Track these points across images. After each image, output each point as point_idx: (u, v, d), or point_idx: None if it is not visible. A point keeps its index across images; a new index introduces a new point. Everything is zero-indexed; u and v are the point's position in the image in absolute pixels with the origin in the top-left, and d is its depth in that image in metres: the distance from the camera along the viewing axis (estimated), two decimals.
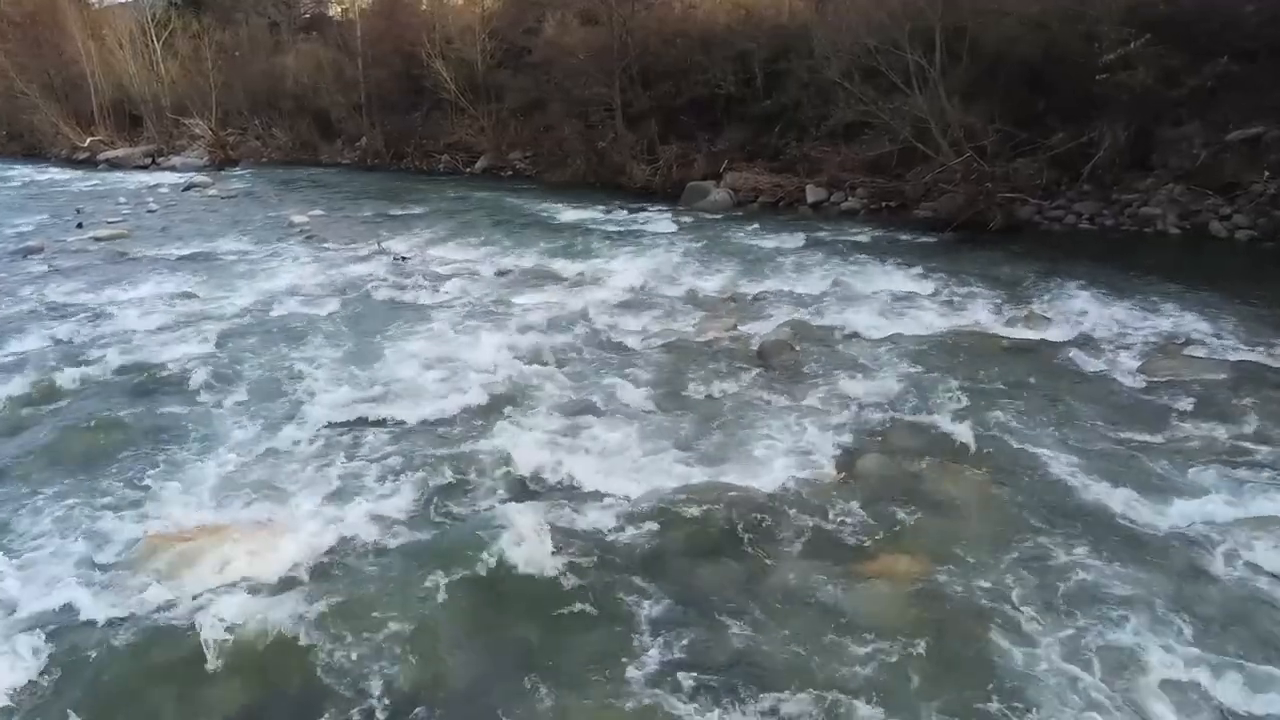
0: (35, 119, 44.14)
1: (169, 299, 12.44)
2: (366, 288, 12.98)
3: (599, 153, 25.45)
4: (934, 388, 7.98)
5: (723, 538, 5.66)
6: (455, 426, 7.45)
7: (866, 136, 19.47)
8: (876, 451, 6.75)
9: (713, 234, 17.71)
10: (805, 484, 6.25)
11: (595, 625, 4.95)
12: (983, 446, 6.82)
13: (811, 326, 10.24)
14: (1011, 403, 7.58)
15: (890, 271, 13.55)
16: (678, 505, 5.97)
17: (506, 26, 29.73)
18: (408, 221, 20.36)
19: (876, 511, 5.90)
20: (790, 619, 4.93)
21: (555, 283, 13.25)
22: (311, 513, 5.98)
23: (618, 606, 5.07)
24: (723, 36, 23.87)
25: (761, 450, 6.74)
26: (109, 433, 7.36)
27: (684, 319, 10.77)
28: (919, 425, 7.20)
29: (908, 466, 6.46)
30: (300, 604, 4.98)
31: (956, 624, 4.83)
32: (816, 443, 6.87)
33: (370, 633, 4.80)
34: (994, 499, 5.96)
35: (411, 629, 4.86)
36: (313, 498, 6.22)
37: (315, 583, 5.27)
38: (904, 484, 6.23)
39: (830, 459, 6.63)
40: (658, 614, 5.00)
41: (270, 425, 7.44)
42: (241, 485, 6.38)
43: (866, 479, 6.32)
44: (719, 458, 6.70)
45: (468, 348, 9.32)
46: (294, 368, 8.88)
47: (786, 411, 7.54)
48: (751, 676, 4.48)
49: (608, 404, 7.84)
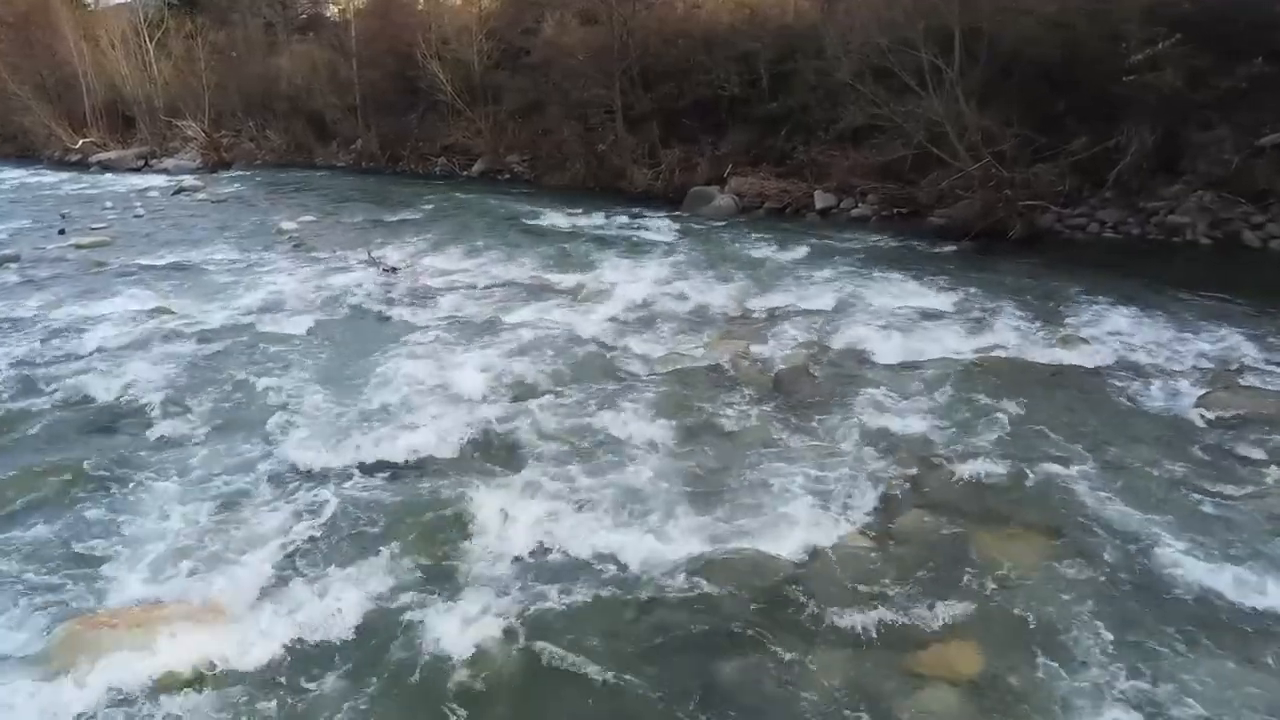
0: (27, 120, 43.40)
1: (142, 315, 11.68)
2: (352, 303, 12.23)
3: (599, 156, 24.69)
4: (972, 425, 7.22)
5: (743, 621, 4.89)
6: (436, 474, 6.64)
7: (877, 140, 18.69)
8: (916, 506, 5.98)
9: (718, 242, 16.97)
10: (837, 549, 5.48)
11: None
12: (1037, 501, 6.05)
13: (829, 349, 9.49)
14: (1062, 445, 6.81)
15: (907, 284, 12.80)
16: (690, 578, 5.23)
17: (504, 27, 28.97)
18: (400, 228, 19.61)
19: (923, 585, 5.13)
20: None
21: (552, 296, 12.49)
22: (262, 590, 5.19)
23: (616, 712, 4.31)
24: (726, 36, 23.11)
25: (785, 504, 5.96)
26: (41, 482, 6.56)
27: (691, 339, 10.01)
28: (960, 473, 6.43)
29: (952, 526, 5.69)
30: (239, 711, 4.22)
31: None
32: (846, 494, 6.10)
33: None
34: (1058, 569, 5.19)
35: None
36: (266, 569, 5.43)
37: (260, 684, 4.49)
38: (950, 548, 5.46)
39: (863, 515, 5.86)
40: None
41: (228, 472, 6.66)
42: (186, 551, 5.58)
43: (907, 541, 5.55)
44: (736, 514, 5.93)
45: (456, 374, 8.54)
46: (263, 399, 8.11)
47: (810, 454, 6.77)
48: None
49: (608, 445, 7.07)
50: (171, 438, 7.35)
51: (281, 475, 6.50)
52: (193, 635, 4.58)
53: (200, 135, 38.82)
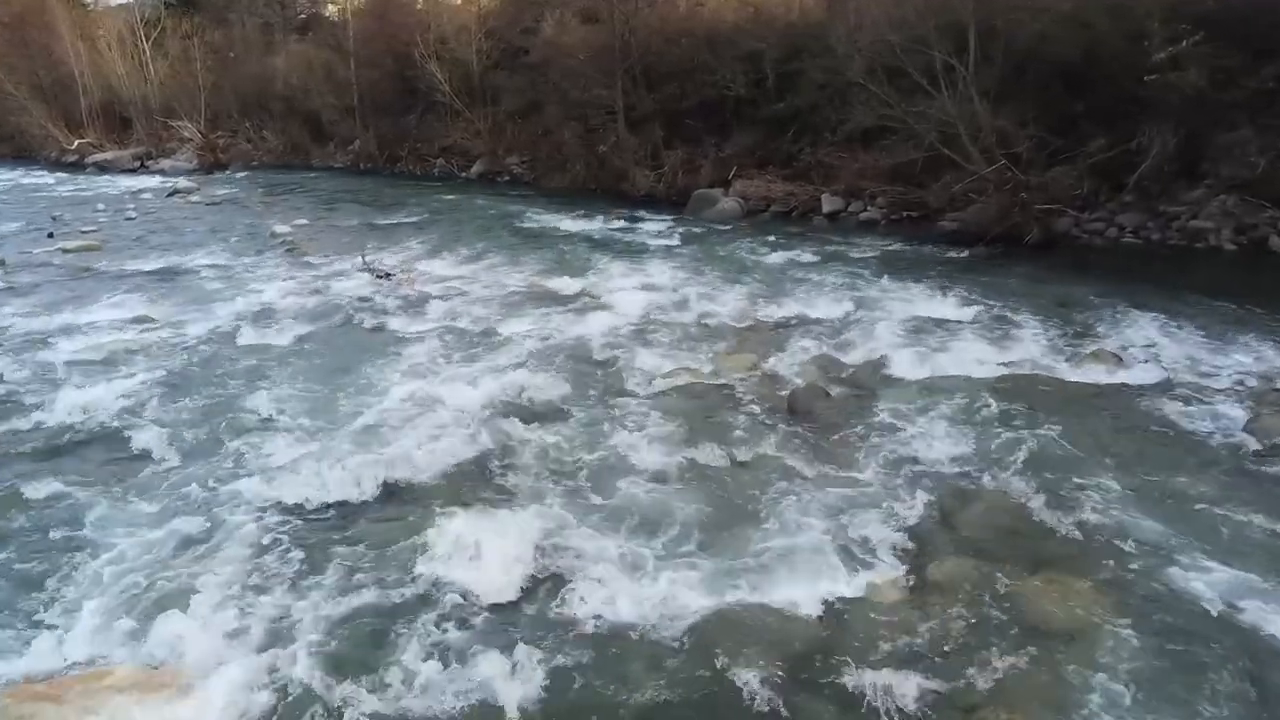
0: (23, 121, 42.93)
1: (123, 325, 11.17)
2: (344, 311, 11.71)
3: (599, 158, 24.16)
4: (1004, 453, 6.66)
5: (761, 689, 4.33)
6: (420, 509, 6.08)
7: (886, 142, 18.15)
8: (950, 549, 5.43)
9: (722, 247, 16.45)
10: (866, 603, 4.92)
11: None
12: (1085, 545, 5.48)
13: (843, 364, 8.94)
14: (1106, 477, 6.24)
15: (922, 292, 12.28)
16: (699, 637, 4.68)
17: (503, 26, 28.47)
18: (397, 232, 19.10)
19: (963, 645, 4.58)
20: None
21: (551, 304, 11.97)
22: (223, 652, 4.63)
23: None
24: (730, 35, 22.58)
25: (805, 547, 5.39)
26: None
27: (698, 353, 9.46)
28: (996, 510, 5.87)
29: (992, 573, 5.14)
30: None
31: None
32: (871, 535, 5.55)
33: None
34: (1113, 628, 4.62)
35: None
36: (228, 623, 4.87)
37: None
38: (992, 601, 4.90)
39: (893, 561, 5.31)
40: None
41: (193, 507, 6.10)
42: (139, 602, 5.02)
43: (943, 592, 4.99)
44: (751, 560, 5.36)
45: (448, 391, 7.99)
46: (239, 420, 7.58)
47: (829, 486, 6.21)
48: None
49: (608, 476, 6.52)
50: (135, 465, 6.81)
51: (252, 509, 5.95)
52: (144, 708, 4.03)
53: (196, 136, 38.33)
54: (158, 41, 42.51)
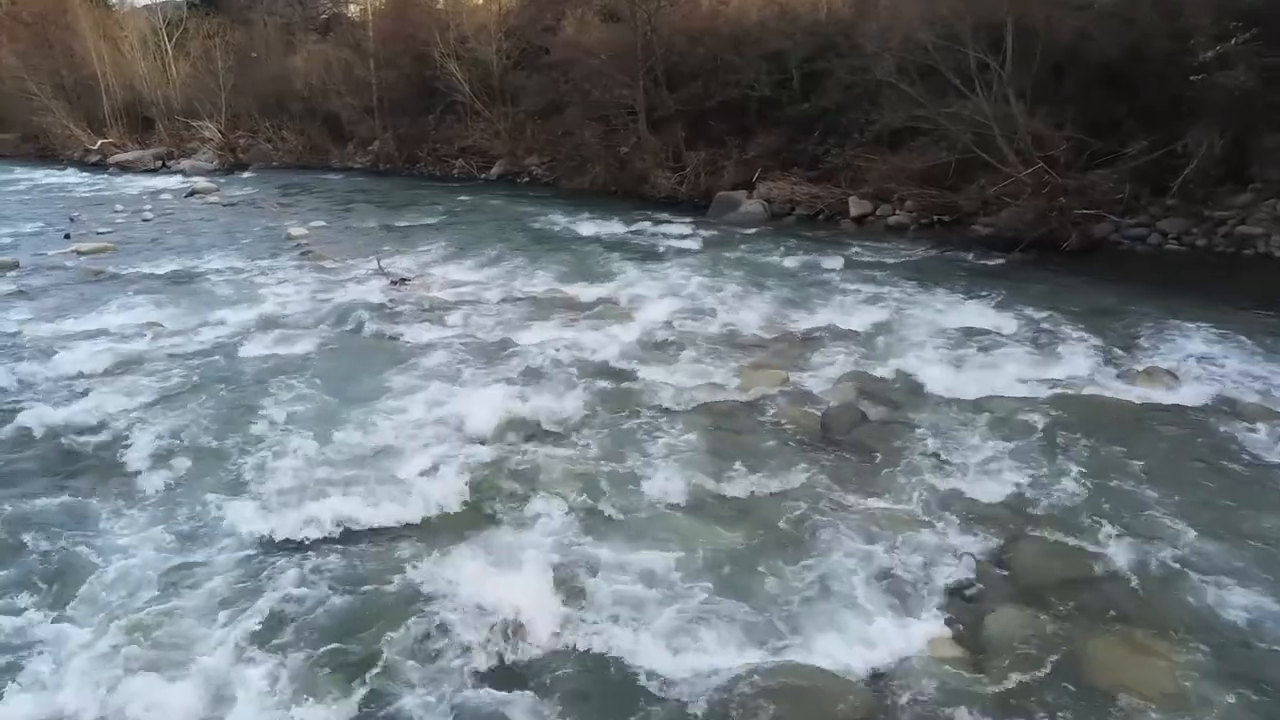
0: (47, 121, 43.10)
1: (131, 331, 10.84)
2: (356, 319, 11.32)
3: (620, 159, 23.73)
4: (1059, 484, 6.14)
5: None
6: (425, 546, 5.62)
7: (916, 143, 17.63)
8: (1007, 598, 4.91)
9: (747, 252, 15.95)
10: (917, 662, 4.41)
11: None
12: (1158, 591, 4.95)
13: (879, 381, 8.42)
14: (1174, 512, 5.70)
15: (957, 301, 11.76)
16: (728, 703, 4.18)
17: (524, 25, 28.12)
18: (414, 234, 18.75)
19: (1027, 716, 4.08)
20: None
21: (569, 313, 11.53)
22: (202, 709, 4.21)
23: None
24: (755, 34, 22.06)
25: (845, 594, 4.87)
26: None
27: (724, 367, 8.98)
28: (1055, 550, 5.35)
29: (1056, 628, 4.62)
30: None
31: None
32: (920, 579, 5.05)
33: None
34: (1204, 692, 4.12)
35: None
36: (208, 689, 4.38)
37: None
38: (1057, 662, 4.38)
39: (945, 612, 4.80)
40: None
41: (183, 541, 5.65)
42: (110, 662, 4.55)
43: (1002, 652, 4.46)
44: (786, 610, 4.86)
45: (459, 409, 7.55)
46: (240, 439, 7.18)
47: (869, 519, 5.71)
48: None
49: (629, 507, 6.04)
50: (125, 490, 6.41)
51: (245, 545, 5.53)
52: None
53: (216, 136, 38.32)
54: (180, 42, 42.55)
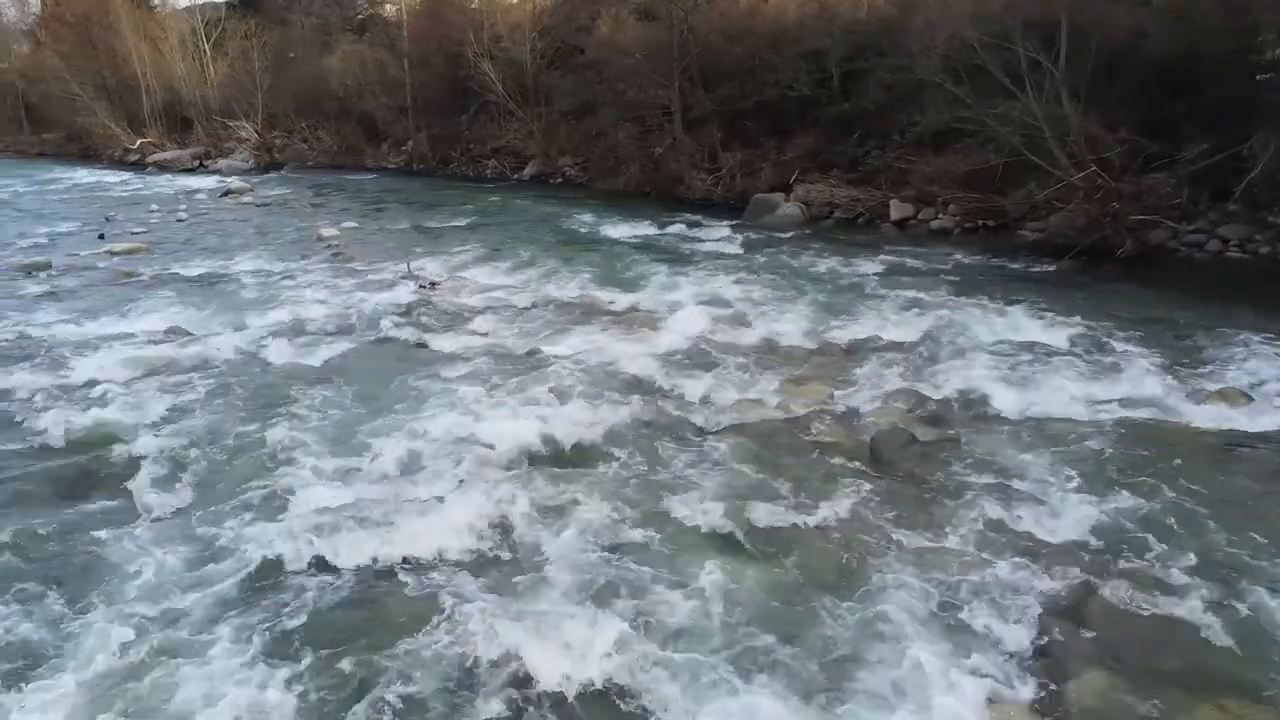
0: (89, 121, 43.74)
1: (154, 338, 10.64)
2: (383, 326, 11.04)
3: (654, 160, 23.36)
4: (1133, 522, 5.61)
5: None
6: (445, 574, 5.28)
7: (961, 145, 17.08)
8: (1089, 661, 4.32)
9: (784, 256, 15.49)
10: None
11: None
12: (1259, 654, 4.42)
13: (928, 399, 7.92)
14: (1266, 559, 5.15)
15: (1007, 311, 11.20)
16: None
17: (558, 24, 27.87)
18: (445, 236, 18.52)
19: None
20: None
21: (601, 320, 11.16)
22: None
23: None
24: (794, 32, 21.60)
25: (906, 650, 4.35)
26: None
27: (763, 382, 8.52)
28: (1136, 602, 4.78)
29: (1147, 693, 4.08)
30: None
31: None
32: (988, 634, 4.53)
33: None
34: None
35: None
36: (212, 705, 4.08)
37: None
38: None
39: (1019, 672, 4.26)
40: None
41: (189, 570, 5.24)
42: (102, 706, 4.23)
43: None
44: (832, 657, 4.39)
45: (484, 427, 7.17)
46: (256, 456, 6.86)
47: (927, 560, 5.23)
48: None
49: (662, 538, 5.61)
50: (135, 509, 6.12)
51: (254, 577, 5.19)
52: None
53: (253, 136, 38.57)
54: (218, 42, 42.92)
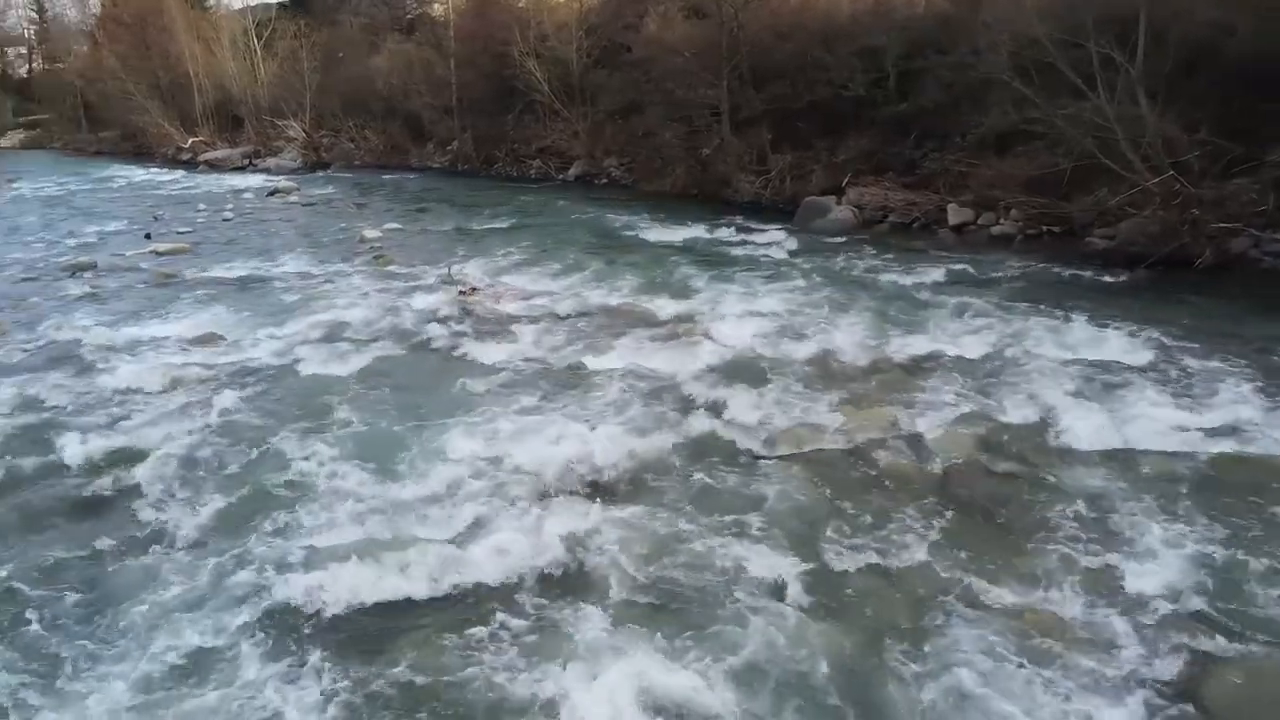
0: (143, 120, 44.42)
1: (188, 344, 10.41)
2: (421, 334, 10.69)
3: (701, 161, 22.78)
4: (1245, 575, 4.94)
5: None
6: (469, 622, 4.79)
7: (1025, 148, 16.22)
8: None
9: (837, 263, 14.85)
10: None
11: None
12: None
13: (1002, 426, 7.29)
14: None
15: (1080, 326, 10.50)
16: None
17: (604, 22, 27.40)
18: (487, 239, 18.16)
19: None
20: None
21: (646, 331, 10.66)
22: None
23: None
24: (847, 29, 20.87)
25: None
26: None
27: (820, 403, 7.95)
28: (1258, 679, 4.20)
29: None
30: None
31: None
32: (1082, 708, 3.97)
33: None
34: None
35: None
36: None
37: None
38: None
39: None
40: None
41: (207, 605, 4.90)
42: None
43: None
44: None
45: (523, 452, 6.72)
46: (285, 478, 6.50)
47: (1006, 618, 4.60)
48: None
49: (711, 586, 5.04)
50: (151, 538, 5.77)
51: (269, 611, 4.78)
52: None
53: (301, 135, 38.76)
54: (268, 43, 43.28)
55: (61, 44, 58.98)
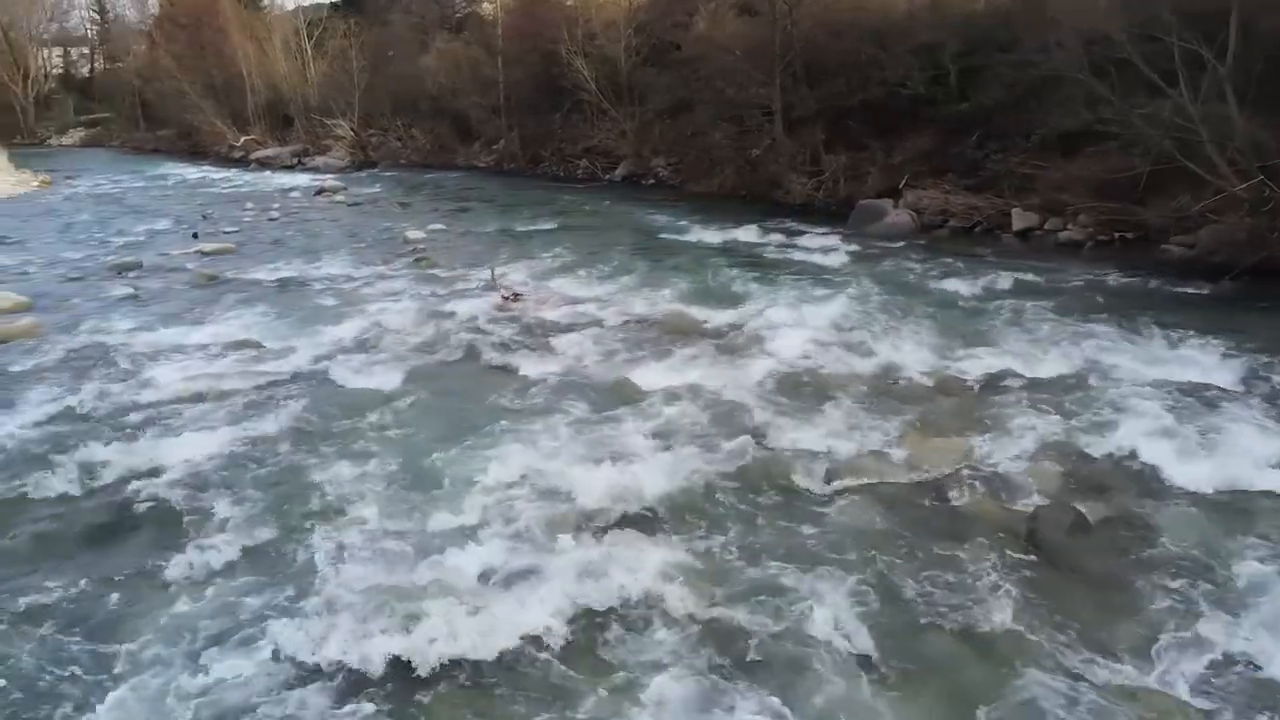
0: (197, 119, 45.04)
1: (225, 351, 10.14)
2: (461, 343, 10.29)
3: (751, 162, 22.17)
4: None
5: None
6: (501, 689, 4.32)
7: (1096, 149, 15.34)
8: None
9: (895, 270, 14.17)
10: None
11: None
12: None
13: (1093, 461, 6.61)
14: None
15: (1163, 341, 9.78)
16: None
17: (654, 20, 26.90)
18: (531, 241, 17.77)
19: None
20: None
21: (695, 344, 10.12)
22: None
23: None
24: (905, 26, 20.10)
25: None
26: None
27: (884, 428, 7.34)
28: None
29: None
30: None
31: None
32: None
33: None
34: None
35: None
36: None
37: None
38: None
39: None
40: None
41: (214, 643, 4.52)
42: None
43: None
44: None
45: (566, 478, 6.25)
46: (315, 502, 6.09)
47: (1113, 700, 3.99)
48: None
49: (774, 648, 4.47)
50: (167, 569, 5.38)
51: (279, 666, 4.34)
52: None
53: (349, 134, 38.88)
54: (319, 42, 43.55)
55: (121, 44, 60.13)
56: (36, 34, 59.69)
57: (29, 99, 56.49)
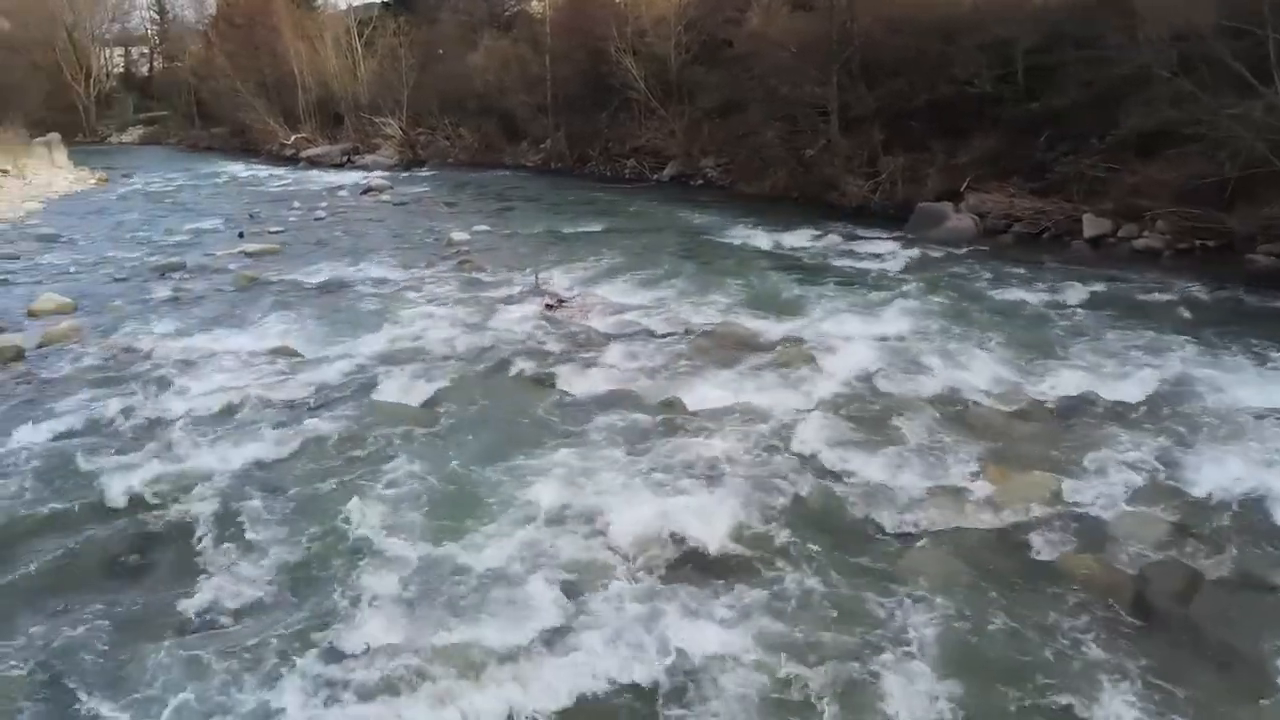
0: (250, 117, 45.57)
1: (260, 359, 9.82)
2: (502, 355, 9.83)
3: (805, 163, 21.45)
4: None
5: None
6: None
7: (1178, 151, 14.38)
8: None
9: (959, 279, 13.42)
10: None
11: None
12: None
13: (1200, 503, 5.89)
14: None
15: (1262, 360, 8.97)
16: None
17: (705, 16, 26.23)
18: (577, 244, 17.30)
19: None
20: None
21: (748, 359, 9.52)
22: None
23: None
24: (971, 20, 19.18)
25: None
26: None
27: (958, 461, 6.68)
28: None
29: None
30: None
31: None
32: None
33: None
34: None
35: None
36: None
37: None
38: None
39: None
40: None
41: (221, 692, 4.15)
42: None
43: None
44: None
45: (611, 512, 5.72)
46: (335, 539, 5.63)
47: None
48: None
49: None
50: (184, 603, 4.95)
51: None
52: None
53: (397, 133, 38.90)
54: (369, 41, 43.70)
55: (179, 44, 61.20)
56: (99, 34, 61.10)
57: (91, 98, 57.83)
